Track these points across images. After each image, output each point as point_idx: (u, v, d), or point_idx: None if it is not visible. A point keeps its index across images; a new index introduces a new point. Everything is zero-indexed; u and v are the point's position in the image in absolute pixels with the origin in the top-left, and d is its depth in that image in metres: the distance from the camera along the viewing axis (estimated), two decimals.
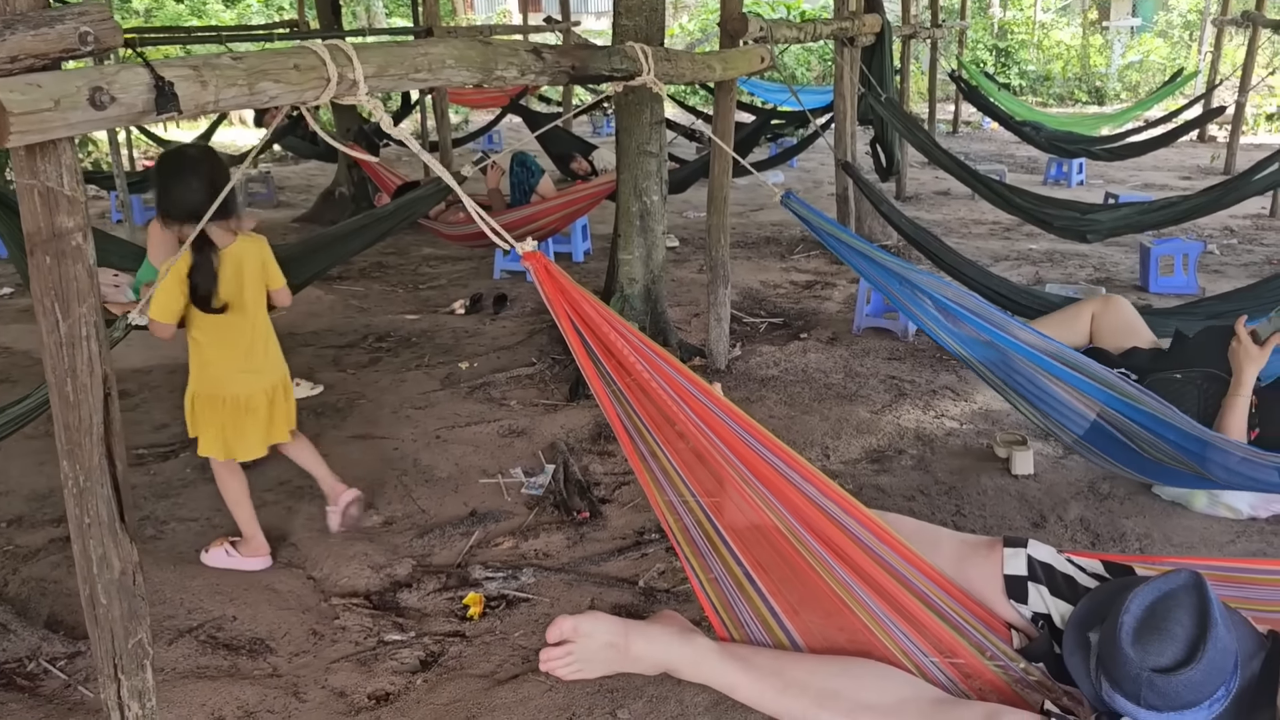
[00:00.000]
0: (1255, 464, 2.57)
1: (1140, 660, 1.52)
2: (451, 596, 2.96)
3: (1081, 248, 6.95)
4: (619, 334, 1.77)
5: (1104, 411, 2.78)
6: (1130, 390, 2.71)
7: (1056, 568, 1.81)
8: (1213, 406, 2.80)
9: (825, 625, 1.78)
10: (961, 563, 1.83)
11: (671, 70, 3.51)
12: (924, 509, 3.39)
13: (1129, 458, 2.84)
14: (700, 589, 1.86)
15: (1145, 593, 1.59)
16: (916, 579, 1.75)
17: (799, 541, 1.75)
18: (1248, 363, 2.73)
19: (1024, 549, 1.82)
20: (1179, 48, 19.02)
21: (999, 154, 12.12)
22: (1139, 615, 1.57)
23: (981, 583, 1.81)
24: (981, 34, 19.59)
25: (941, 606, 1.75)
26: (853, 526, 1.75)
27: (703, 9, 21.75)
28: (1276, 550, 3.12)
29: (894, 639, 1.74)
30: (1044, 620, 1.78)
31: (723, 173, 4.53)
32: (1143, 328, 3.36)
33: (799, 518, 1.75)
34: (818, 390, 4.44)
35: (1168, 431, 2.66)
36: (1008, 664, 1.74)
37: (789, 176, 10.56)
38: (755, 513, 1.76)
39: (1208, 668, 1.49)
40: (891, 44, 7.36)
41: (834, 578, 1.75)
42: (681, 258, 7.06)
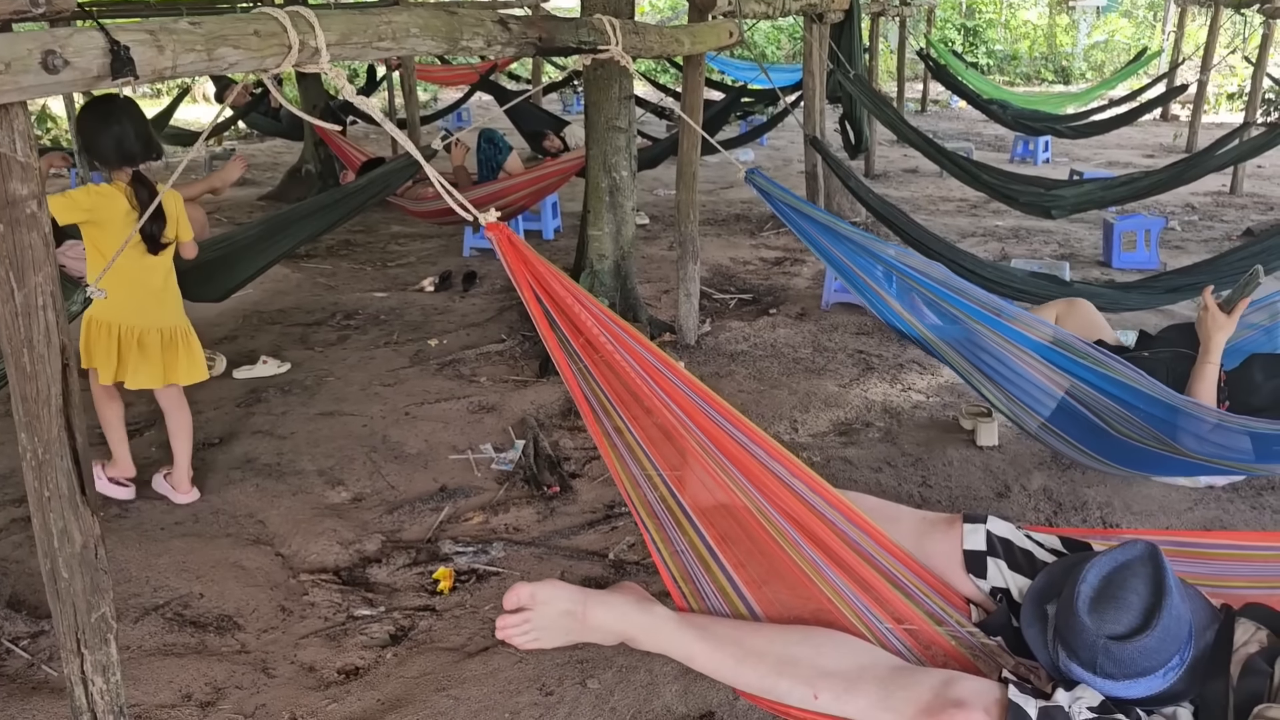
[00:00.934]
0: (1227, 430, 2.58)
1: (1096, 628, 1.54)
2: (421, 571, 2.95)
3: (1047, 224, 7.01)
4: (584, 307, 1.76)
5: (1073, 387, 2.75)
6: (1104, 359, 2.68)
7: (1015, 543, 1.83)
8: (1181, 383, 2.80)
9: (787, 597, 1.79)
10: (922, 538, 1.85)
11: (639, 44, 3.49)
12: (891, 480, 3.43)
13: (1096, 440, 2.81)
14: (661, 562, 1.86)
15: (1101, 563, 1.61)
16: (877, 553, 1.76)
17: (763, 515, 1.76)
18: (1216, 330, 2.74)
19: (983, 525, 1.84)
20: (1143, 28, 19.20)
21: (966, 132, 12.19)
22: (1095, 585, 1.59)
23: (941, 558, 1.82)
24: (950, 13, 19.65)
25: (901, 580, 1.77)
26: (816, 501, 1.75)
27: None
28: (1233, 516, 3.19)
29: (855, 610, 1.75)
30: (1002, 594, 1.80)
31: (691, 148, 4.52)
32: (1105, 326, 3.37)
33: (763, 492, 1.75)
34: (786, 365, 4.47)
35: (1140, 401, 2.65)
36: (966, 637, 1.77)
37: (759, 154, 10.56)
38: (720, 488, 1.77)
39: (1162, 635, 1.51)
40: (860, 21, 7.36)
41: (797, 551, 1.75)
42: (652, 235, 7.05)
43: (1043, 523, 3.17)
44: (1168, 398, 2.58)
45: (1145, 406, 2.65)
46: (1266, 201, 8.19)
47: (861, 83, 7.00)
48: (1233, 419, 2.57)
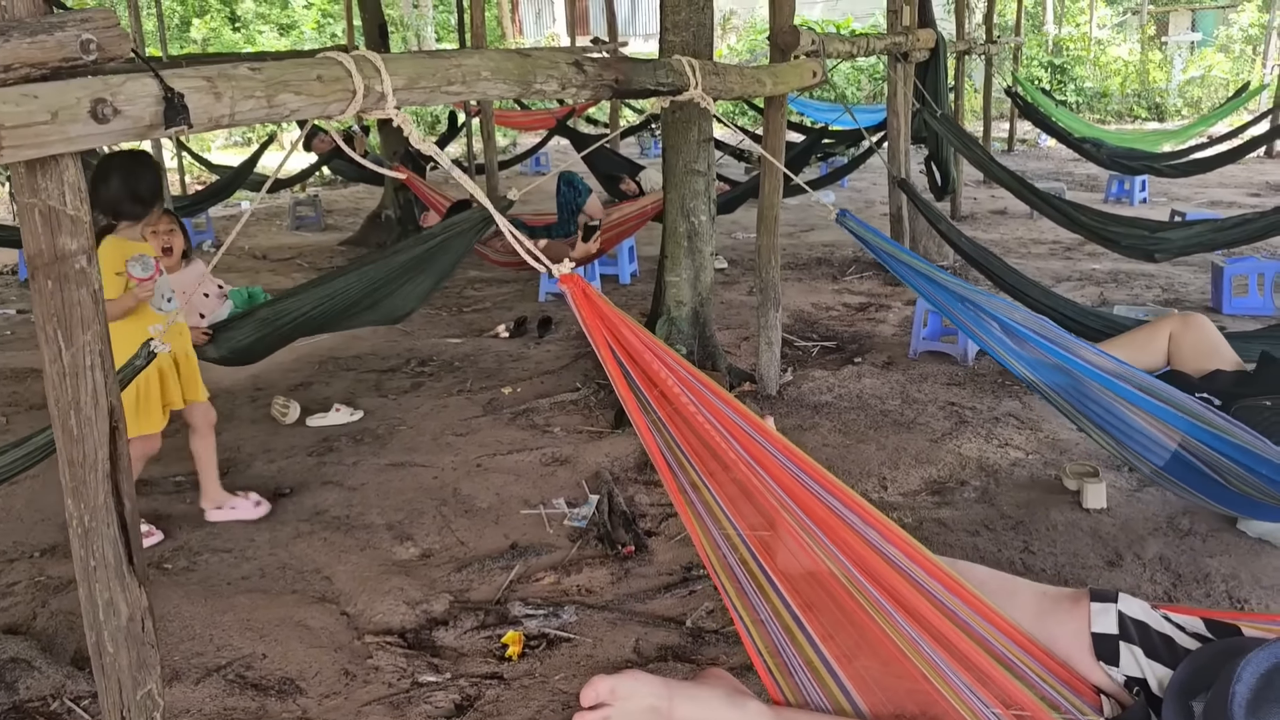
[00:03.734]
0: None
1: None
2: (489, 635, 2.81)
3: (1147, 267, 6.68)
4: (661, 361, 1.62)
5: (1186, 441, 2.56)
6: (1215, 419, 2.49)
7: (1152, 626, 1.61)
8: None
9: (888, 686, 1.60)
10: (1043, 618, 1.64)
11: (719, 84, 3.37)
12: (989, 545, 3.19)
13: (1215, 490, 2.62)
14: (745, 632, 1.69)
15: (1261, 658, 1.39)
16: (990, 634, 1.56)
17: (855, 588, 1.58)
18: None
19: (1114, 604, 1.63)
20: (1241, 62, 18.53)
21: (1057, 172, 11.83)
22: (1253, 684, 1.37)
23: (1066, 641, 1.62)
24: (1037, 50, 19.26)
25: (1019, 666, 1.57)
26: (916, 574, 1.57)
27: (751, 29, 21.68)
28: None
29: (958, 693, 1.54)
30: (1139, 686, 1.58)
31: (773, 191, 4.38)
32: (1225, 348, 3.14)
33: (856, 562, 1.58)
34: (873, 417, 4.25)
35: (1259, 465, 2.44)
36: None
37: (840, 196, 10.37)
38: (807, 556, 1.60)
39: None
40: (946, 60, 7.17)
41: (895, 629, 1.56)
42: (730, 279, 6.90)
43: (1161, 596, 2.91)
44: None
45: (1265, 470, 2.44)
46: None
47: (948, 122, 6.79)
48: None
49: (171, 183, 8.61)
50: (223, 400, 4.77)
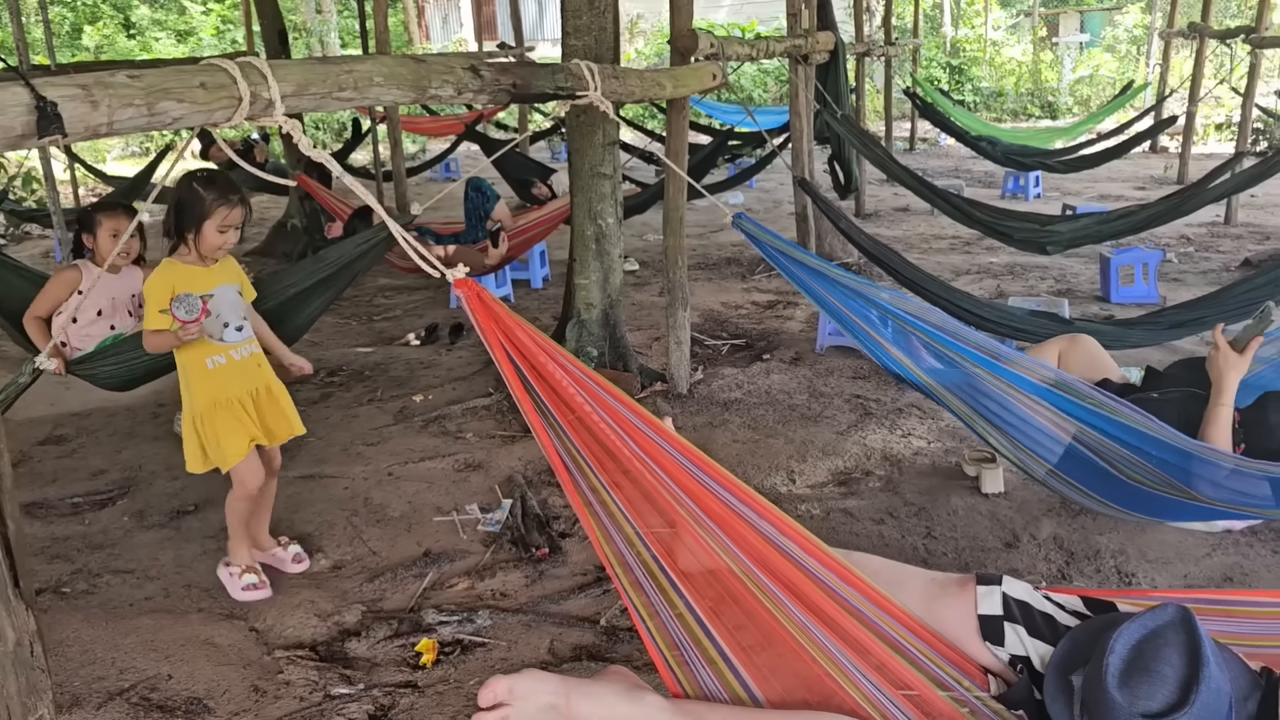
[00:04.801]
0: (1245, 475, 2.45)
1: (1129, 705, 1.40)
2: (403, 644, 2.80)
3: (1042, 260, 6.93)
4: (557, 364, 1.64)
5: (1081, 433, 2.63)
6: (1110, 404, 2.57)
7: (1034, 606, 1.69)
8: (1193, 425, 2.67)
9: (781, 669, 1.65)
10: (932, 602, 1.71)
11: (620, 88, 3.40)
12: (893, 533, 3.28)
13: (1107, 486, 2.67)
14: (647, 633, 1.72)
15: (1130, 631, 1.47)
16: (883, 620, 1.62)
17: (753, 583, 1.62)
18: (1228, 370, 2.62)
19: (999, 586, 1.70)
20: (1127, 61, 19.32)
21: (956, 169, 12.18)
22: (1125, 656, 1.45)
23: (955, 624, 1.69)
24: (935, 52, 19.79)
25: (910, 650, 1.63)
26: (811, 565, 1.62)
27: (659, 34, 21.82)
28: (1253, 562, 3.04)
29: (855, 681, 1.60)
30: (1023, 663, 1.66)
31: (677, 193, 4.43)
32: (1110, 363, 3.24)
33: (754, 558, 1.62)
34: (782, 412, 4.34)
35: (1151, 447, 2.53)
36: (984, 711, 1.62)
37: (748, 197, 10.52)
38: (707, 555, 1.63)
39: (1200, 711, 1.37)
40: (845, 62, 7.34)
41: (790, 619, 1.61)
42: (641, 281, 6.95)
43: (1055, 574, 3.03)
44: (1180, 443, 2.45)
45: (1157, 452, 2.53)
46: (1262, 231, 8.12)
47: (849, 122, 6.95)
48: (1251, 464, 2.44)
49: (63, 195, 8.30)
50: (123, 417, 4.65)
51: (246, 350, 3.04)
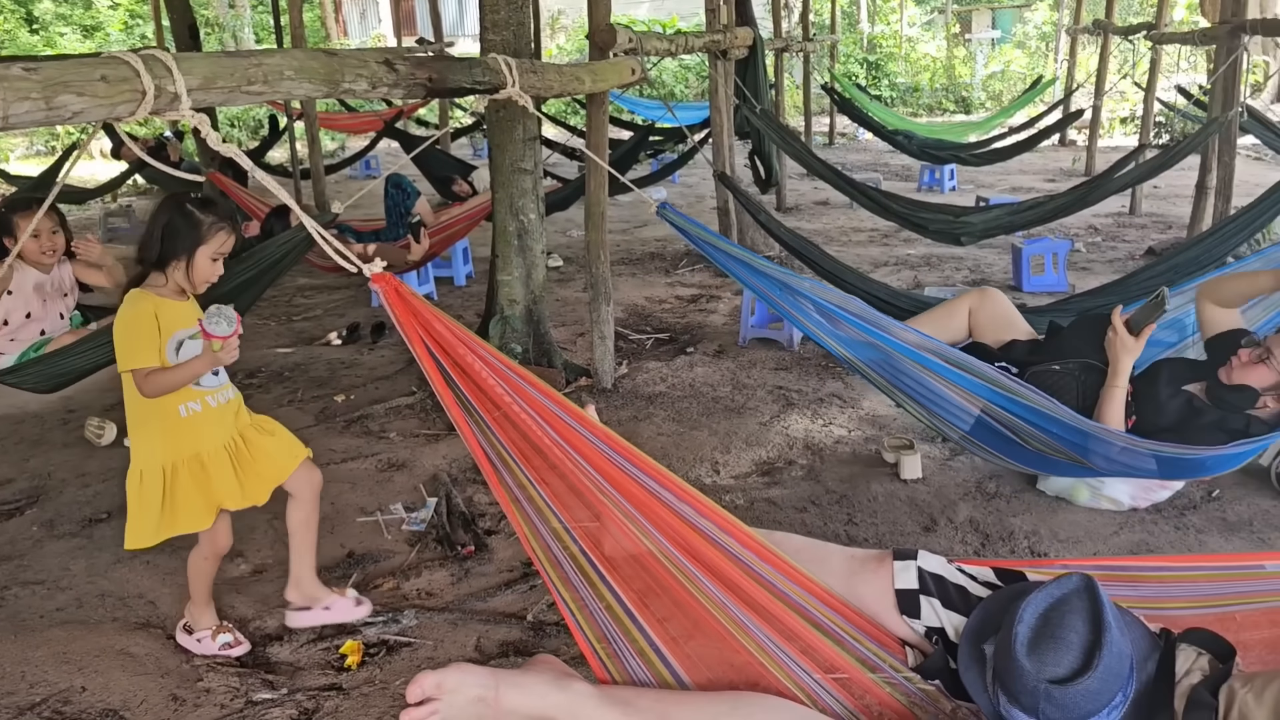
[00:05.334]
0: (1134, 452, 2.58)
1: (1037, 671, 1.45)
2: (327, 647, 2.76)
3: (956, 250, 7.10)
4: (478, 356, 1.64)
5: (987, 407, 2.78)
6: (1011, 385, 2.70)
7: (948, 579, 1.75)
8: (1091, 397, 2.81)
9: (710, 656, 1.67)
10: (851, 579, 1.75)
11: (538, 83, 3.39)
12: (816, 520, 3.34)
13: (1014, 451, 2.85)
14: (575, 625, 1.73)
15: (1038, 600, 1.53)
16: (804, 599, 1.66)
17: (677, 568, 1.65)
18: (1124, 353, 2.74)
19: (914, 561, 1.76)
20: (1037, 57, 19.84)
21: (874, 163, 12.39)
22: (1033, 624, 1.51)
23: (873, 599, 1.73)
24: (852, 48, 20.10)
25: (831, 627, 1.67)
26: (734, 548, 1.65)
27: (580, 30, 21.78)
28: (1158, 538, 3.17)
29: (782, 665, 1.64)
30: (938, 635, 1.71)
31: (599, 188, 4.44)
32: (1018, 319, 3.38)
33: (677, 543, 1.64)
34: (705, 404, 4.38)
35: (1050, 424, 2.67)
36: (903, 683, 1.67)
37: (671, 192, 10.56)
38: (630, 539, 1.65)
39: (1104, 674, 1.43)
40: (764, 57, 7.41)
41: (715, 603, 1.64)
42: (566, 277, 6.94)
43: (971, 555, 3.11)
44: (1078, 423, 2.57)
45: (1056, 429, 2.67)
46: (1165, 220, 8.43)
47: (768, 117, 7.03)
48: (1140, 444, 2.56)
49: None
50: (31, 424, 4.50)
51: (224, 395, 2.64)
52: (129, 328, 2.49)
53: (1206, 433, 2.64)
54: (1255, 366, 2.70)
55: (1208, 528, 3.24)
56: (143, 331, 2.47)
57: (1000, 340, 3.31)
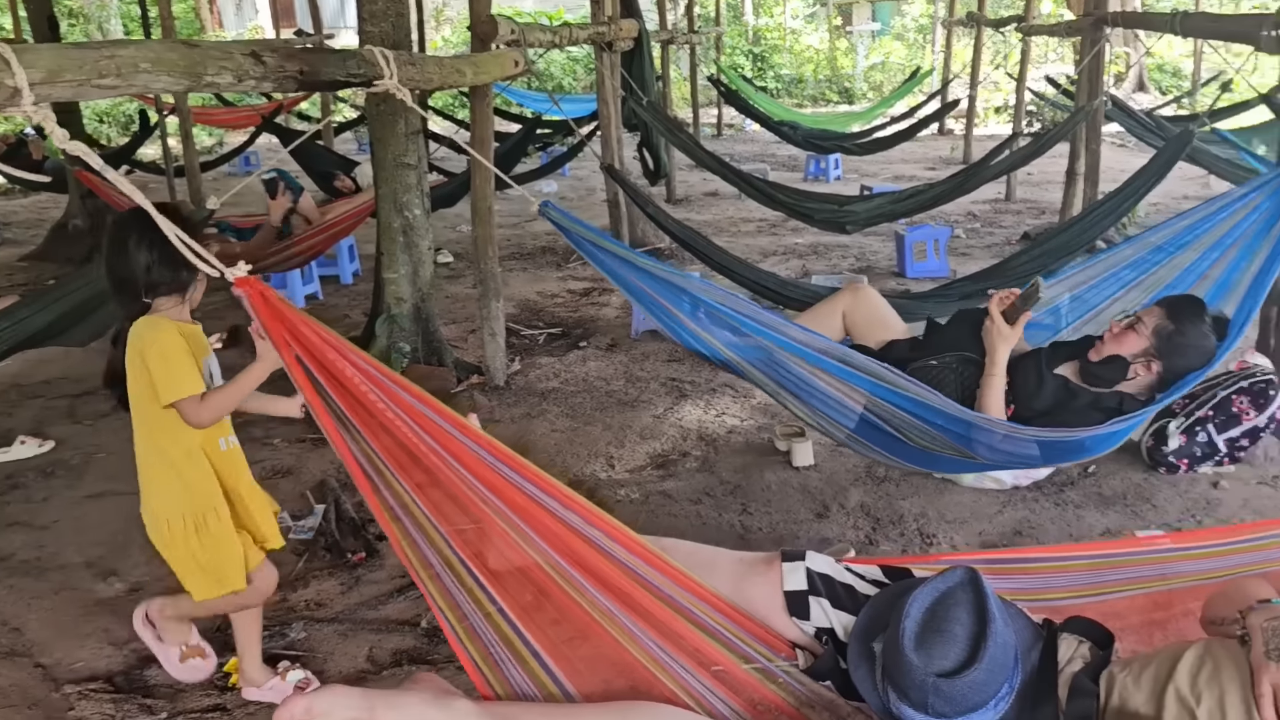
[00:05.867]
0: (1016, 440, 2.63)
1: (924, 666, 1.47)
2: None
3: (842, 239, 7.22)
4: (353, 365, 1.57)
5: (871, 402, 2.75)
6: (893, 377, 2.68)
7: (836, 578, 1.75)
8: (970, 389, 2.85)
9: (597, 665, 1.64)
10: (740, 582, 1.74)
11: (418, 75, 3.30)
12: (711, 511, 3.35)
13: (898, 448, 2.82)
14: (457, 641, 1.66)
15: (923, 595, 1.54)
16: (693, 604, 1.64)
17: (564, 578, 1.60)
18: (1000, 342, 2.77)
19: (802, 562, 1.75)
20: (915, 49, 20.39)
21: (761, 154, 12.55)
22: (919, 619, 1.52)
23: (762, 602, 1.72)
24: (737, 40, 20.32)
25: (720, 632, 1.65)
26: (622, 555, 1.62)
27: (465, 23, 21.47)
28: (1039, 515, 3.28)
29: (671, 672, 1.61)
30: (828, 635, 1.71)
31: (484, 183, 4.37)
32: (893, 317, 3.34)
33: (563, 552, 1.60)
34: (599, 399, 4.36)
35: (933, 416, 2.67)
36: (794, 685, 1.66)
37: (562, 185, 10.51)
38: (516, 552, 1.60)
39: (990, 666, 1.45)
40: (650, 49, 7.41)
41: (602, 612, 1.60)
42: (455, 273, 6.83)
43: (863, 540, 3.17)
44: (959, 413, 2.61)
45: (939, 420, 2.67)
46: (1038, 206, 8.75)
47: (655, 109, 7.03)
48: (1021, 431, 2.61)
49: None
50: None
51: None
52: (169, 355, 2.21)
53: (1083, 414, 2.70)
54: (1124, 334, 2.77)
55: (1085, 503, 3.36)
56: (185, 357, 2.24)
57: (880, 341, 3.27)
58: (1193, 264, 3.10)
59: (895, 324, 3.27)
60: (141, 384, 2.25)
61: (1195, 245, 3.10)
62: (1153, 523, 3.25)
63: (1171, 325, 2.74)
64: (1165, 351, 2.74)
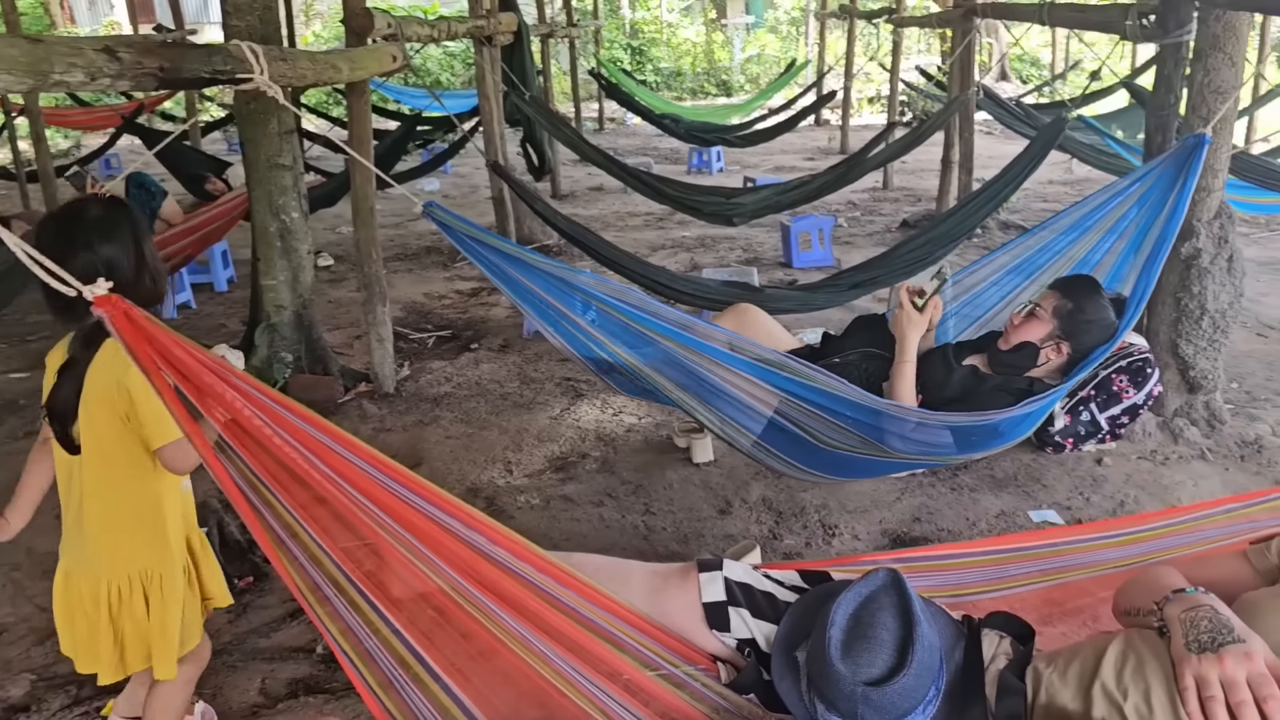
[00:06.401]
0: (929, 427, 2.62)
1: (852, 675, 1.42)
2: (85, 711, 2.46)
3: (729, 231, 7.26)
4: (229, 385, 1.44)
5: (781, 403, 2.68)
6: (805, 370, 2.62)
7: (755, 586, 1.70)
8: (875, 383, 2.84)
9: (502, 687, 1.55)
10: (657, 596, 1.68)
11: (289, 71, 3.15)
12: (613, 513, 3.30)
13: (806, 454, 2.76)
14: (350, 666, 1.54)
15: (847, 600, 1.50)
16: (607, 622, 1.57)
17: (468, 601, 1.50)
18: (911, 328, 2.77)
19: (720, 571, 1.69)
20: (789, 41, 20.73)
21: (644, 147, 12.55)
22: (844, 626, 1.47)
23: (680, 615, 1.66)
24: (615, 33, 20.29)
25: (637, 649, 1.58)
26: (530, 574, 1.53)
27: (336, 17, 20.85)
28: (937, 500, 3.33)
29: (585, 694, 1.53)
30: (749, 646, 1.66)
31: (364, 182, 4.21)
32: (781, 331, 3.31)
33: (466, 574, 1.50)
34: (494, 402, 4.25)
35: (844, 408, 2.62)
36: (716, 700, 1.61)
37: (444, 183, 10.29)
38: (418, 578, 1.50)
39: (918, 670, 1.42)
40: (530, 43, 7.30)
41: (511, 635, 1.50)
42: (338, 277, 6.60)
43: (766, 534, 3.16)
44: (870, 402, 2.59)
45: (849, 412, 2.64)
46: (915, 193, 8.97)
47: (538, 104, 6.93)
48: (933, 416, 2.62)
49: None
50: None
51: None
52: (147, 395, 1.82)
53: (992, 396, 2.71)
54: (1027, 323, 2.82)
55: (979, 486, 3.43)
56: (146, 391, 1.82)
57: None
58: (1084, 257, 3.18)
59: (784, 337, 3.24)
60: (116, 422, 1.89)
61: (1083, 241, 3.17)
62: (1044, 502, 3.33)
63: (1070, 304, 2.79)
64: (1070, 331, 2.78)
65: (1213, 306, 3.63)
